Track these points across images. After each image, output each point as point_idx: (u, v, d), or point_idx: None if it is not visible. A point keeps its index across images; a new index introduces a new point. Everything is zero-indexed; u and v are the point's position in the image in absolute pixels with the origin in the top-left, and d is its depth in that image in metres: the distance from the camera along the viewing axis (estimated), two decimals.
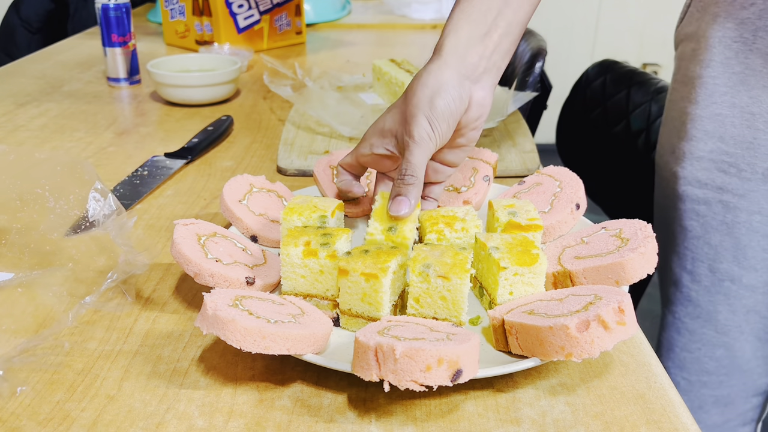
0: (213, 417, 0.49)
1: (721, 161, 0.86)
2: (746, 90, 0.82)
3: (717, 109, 0.85)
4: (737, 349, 0.93)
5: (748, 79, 0.82)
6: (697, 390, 0.98)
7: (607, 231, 0.63)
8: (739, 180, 0.85)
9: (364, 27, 1.89)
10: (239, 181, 0.73)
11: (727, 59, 0.83)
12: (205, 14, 1.51)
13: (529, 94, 1.06)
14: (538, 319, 0.50)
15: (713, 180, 0.87)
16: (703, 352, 0.95)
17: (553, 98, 1.64)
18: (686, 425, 0.48)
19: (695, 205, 0.90)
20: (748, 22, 0.80)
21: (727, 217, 0.87)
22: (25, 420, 0.48)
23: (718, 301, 0.92)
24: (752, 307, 0.90)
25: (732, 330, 0.92)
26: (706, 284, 0.92)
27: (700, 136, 0.87)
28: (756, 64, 0.81)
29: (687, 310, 0.95)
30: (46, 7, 2.15)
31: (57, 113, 1.14)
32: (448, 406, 0.50)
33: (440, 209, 0.65)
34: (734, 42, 0.82)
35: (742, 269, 0.88)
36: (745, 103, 0.83)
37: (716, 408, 0.98)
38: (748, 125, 0.83)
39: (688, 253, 0.93)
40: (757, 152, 0.83)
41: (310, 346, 0.50)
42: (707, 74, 0.85)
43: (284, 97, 1.13)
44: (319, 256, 0.56)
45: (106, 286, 0.62)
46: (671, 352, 0.98)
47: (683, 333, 0.96)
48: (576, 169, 0.78)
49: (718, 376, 0.96)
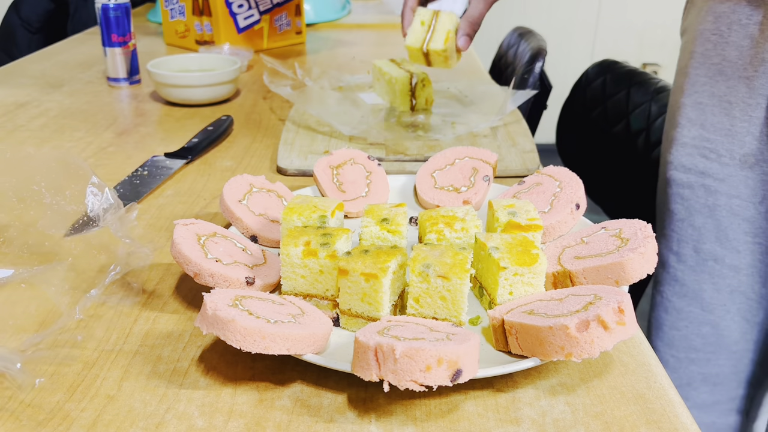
0: (213, 417, 0.49)
1: (703, 147, 0.91)
2: (724, 80, 0.88)
3: (699, 98, 0.91)
4: (723, 327, 0.97)
5: (725, 69, 0.87)
6: (686, 367, 1.01)
7: (607, 231, 0.64)
8: (719, 165, 0.90)
9: (364, 27, 1.89)
10: (239, 181, 0.73)
11: (707, 51, 0.89)
12: (205, 14, 1.51)
13: (529, 93, 1.06)
14: (538, 319, 0.50)
15: (696, 165, 0.92)
16: (690, 330, 0.99)
17: (553, 98, 1.64)
18: (686, 425, 0.48)
19: (680, 189, 0.95)
20: (724, 16, 0.86)
21: (708, 200, 0.92)
22: (25, 420, 0.48)
23: (702, 280, 0.96)
24: (737, 287, 0.94)
25: (717, 308, 0.96)
26: (691, 264, 0.96)
27: (684, 123, 0.93)
28: (732, 56, 0.86)
29: (674, 290, 0.99)
30: (46, 7, 2.15)
31: (57, 113, 1.14)
32: (448, 406, 0.50)
33: (440, 209, 0.65)
34: (713, 34, 0.88)
35: (724, 250, 0.93)
36: (723, 93, 0.88)
37: (705, 386, 1.01)
38: (726, 113, 0.88)
39: (674, 234, 0.97)
40: (734, 139, 0.88)
41: (310, 346, 0.50)
42: (691, 65, 0.92)
43: (284, 97, 1.13)
44: (319, 256, 0.56)
45: (110, 279, 0.62)
46: (660, 330, 1.03)
47: (671, 311, 1.00)
48: (576, 169, 0.78)
49: (705, 354, 0.99)
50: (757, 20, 0.83)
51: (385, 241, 0.62)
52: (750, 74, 0.85)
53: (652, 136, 1.22)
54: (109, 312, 0.61)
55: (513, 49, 1.71)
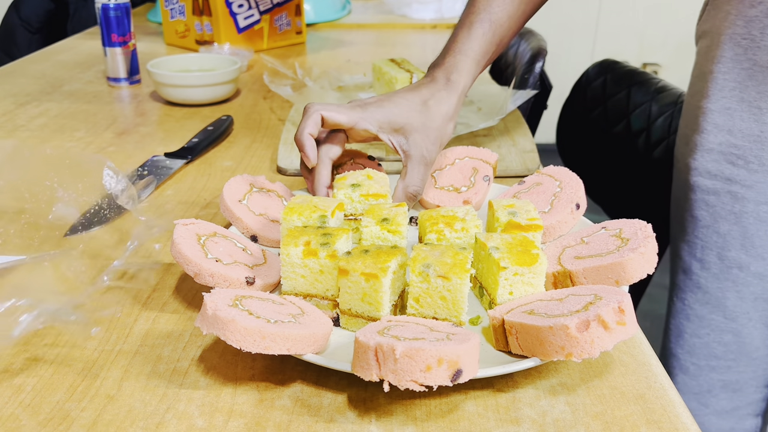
0: (213, 417, 0.49)
1: (730, 153, 0.89)
2: (754, 85, 0.85)
3: (726, 103, 0.89)
4: (745, 335, 0.96)
5: (756, 74, 0.85)
6: (706, 374, 1.00)
7: (607, 231, 0.63)
8: (747, 172, 0.88)
9: (364, 27, 1.89)
10: (239, 181, 0.73)
11: (737, 55, 0.86)
12: (205, 14, 1.51)
13: (529, 93, 1.06)
14: (538, 319, 0.50)
15: (722, 171, 0.90)
16: (712, 338, 0.98)
17: (553, 98, 1.64)
18: (686, 425, 0.48)
19: (705, 195, 0.93)
20: (756, 20, 0.84)
21: (735, 207, 0.90)
22: (25, 420, 0.48)
23: (726, 287, 0.94)
24: (760, 294, 0.93)
25: (740, 316, 0.95)
26: (715, 271, 0.95)
27: (711, 128, 0.90)
28: (763, 61, 0.84)
29: (696, 297, 0.98)
30: (46, 7, 2.16)
31: (57, 113, 1.14)
32: (448, 406, 0.50)
33: (440, 209, 0.65)
34: (743, 39, 0.85)
35: (750, 257, 0.91)
36: (753, 98, 0.86)
37: (724, 393, 1.00)
38: (755, 119, 0.86)
39: (698, 241, 0.95)
40: (764, 145, 0.86)
41: (310, 346, 0.50)
42: (718, 69, 0.89)
43: (284, 97, 1.13)
44: (319, 256, 0.56)
45: (129, 251, 0.64)
46: (680, 338, 1.01)
47: (692, 319, 0.99)
48: (576, 169, 0.78)
49: (726, 361, 0.98)
50: None
51: (385, 241, 0.62)
52: None
53: (653, 136, 1.22)
54: (109, 312, 0.61)
55: (513, 49, 1.71)
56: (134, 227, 0.66)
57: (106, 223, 0.76)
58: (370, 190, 0.69)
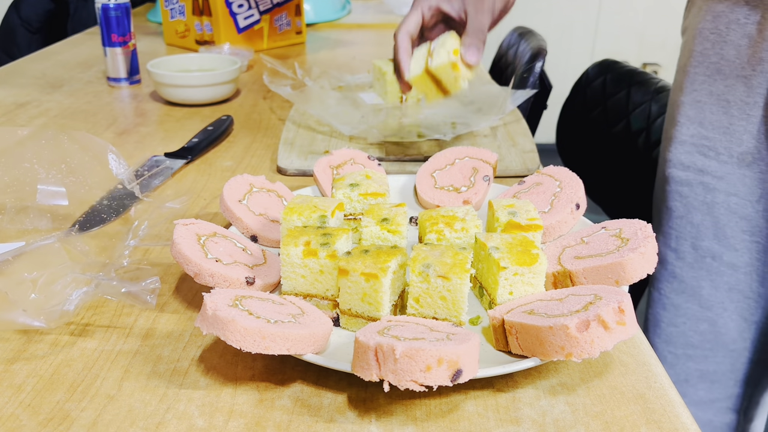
0: (213, 417, 0.49)
1: (701, 145, 0.92)
2: (722, 79, 0.89)
3: (697, 96, 0.92)
4: (721, 325, 0.98)
5: (723, 68, 0.88)
6: (683, 363, 1.02)
7: (607, 231, 0.64)
8: (717, 163, 0.91)
9: (364, 27, 1.89)
10: (239, 181, 0.73)
11: (705, 50, 0.90)
12: (205, 14, 1.51)
13: (528, 92, 1.06)
14: (538, 319, 0.50)
15: (695, 163, 0.93)
16: (688, 326, 1.00)
17: (553, 98, 1.64)
18: (686, 425, 0.48)
19: (679, 186, 0.96)
20: (723, 15, 0.87)
21: (707, 197, 0.93)
22: (25, 420, 0.48)
23: (701, 276, 0.97)
24: (734, 285, 0.95)
25: (715, 305, 0.97)
26: (690, 261, 0.97)
27: (684, 121, 0.94)
28: (730, 55, 0.87)
29: (672, 286, 1.00)
30: (46, 7, 2.16)
31: (57, 113, 1.14)
32: (448, 406, 0.50)
33: (440, 209, 0.65)
34: (711, 33, 0.89)
35: (722, 247, 0.94)
36: (721, 91, 0.89)
37: (702, 383, 1.02)
38: (724, 111, 0.89)
39: (673, 231, 0.98)
40: (732, 137, 0.89)
41: (310, 346, 0.50)
42: (690, 64, 0.92)
43: (284, 97, 1.13)
44: (319, 256, 0.56)
45: (142, 232, 0.64)
46: (657, 327, 1.03)
47: (669, 308, 1.01)
48: (576, 169, 0.78)
49: (703, 351, 1.00)
50: (755, 20, 0.84)
51: (385, 241, 0.62)
52: (748, 73, 0.86)
53: (652, 136, 1.22)
54: (110, 312, 0.61)
55: (513, 48, 1.71)
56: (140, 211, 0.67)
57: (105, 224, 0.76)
58: (369, 189, 0.69)
